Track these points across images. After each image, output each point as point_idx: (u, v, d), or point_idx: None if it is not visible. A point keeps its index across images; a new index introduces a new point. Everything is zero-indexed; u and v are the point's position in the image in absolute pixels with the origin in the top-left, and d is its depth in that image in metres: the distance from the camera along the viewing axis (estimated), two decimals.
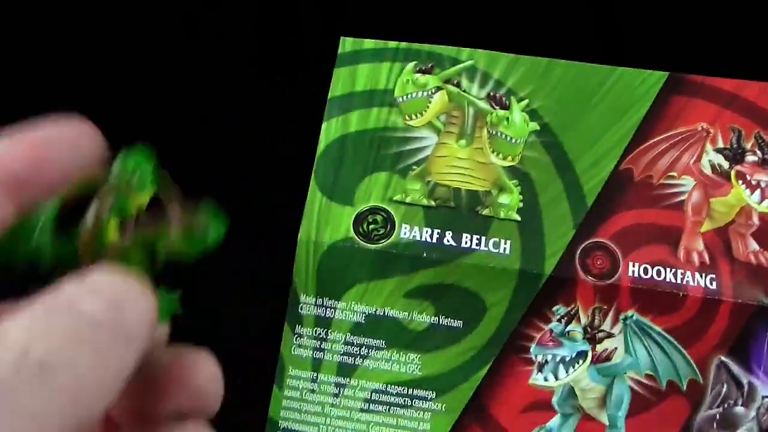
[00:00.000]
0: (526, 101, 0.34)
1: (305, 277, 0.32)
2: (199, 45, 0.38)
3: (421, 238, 0.32)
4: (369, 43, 0.34)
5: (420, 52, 0.34)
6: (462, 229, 0.32)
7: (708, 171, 0.33)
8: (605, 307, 0.31)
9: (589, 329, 0.31)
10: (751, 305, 0.31)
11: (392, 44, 0.34)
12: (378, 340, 0.32)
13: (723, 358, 0.31)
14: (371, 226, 0.32)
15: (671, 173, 0.33)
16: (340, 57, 0.34)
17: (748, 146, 0.33)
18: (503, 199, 0.32)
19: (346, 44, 0.34)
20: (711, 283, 0.31)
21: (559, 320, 0.31)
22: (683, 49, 0.36)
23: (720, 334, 0.31)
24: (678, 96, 0.33)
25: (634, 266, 0.31)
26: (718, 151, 0.33)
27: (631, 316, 0.31)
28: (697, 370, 0.31)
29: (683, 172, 0.33)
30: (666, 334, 0.31)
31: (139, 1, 0.35)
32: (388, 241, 0.32)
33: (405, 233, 0.32)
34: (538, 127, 0.33)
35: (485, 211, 0.32)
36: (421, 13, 0.38)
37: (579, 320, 0.31)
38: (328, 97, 0.34)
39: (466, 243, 0.32)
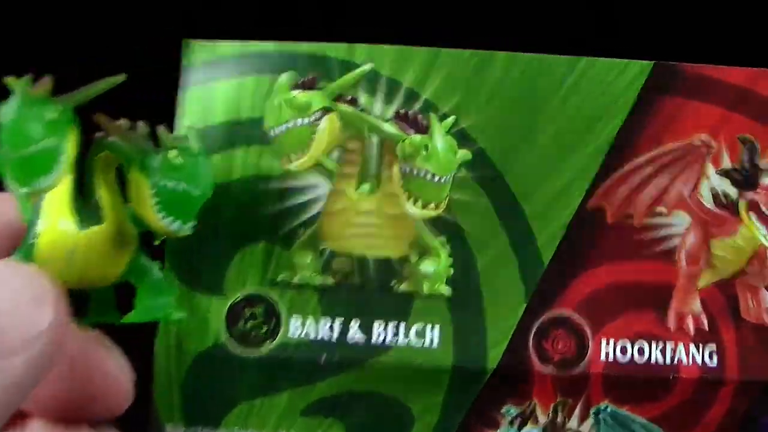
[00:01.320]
0: (452, 118, 0.24)
1: (169, 399, 0.23)
2: None
3: (317, 334, 0.23)
4: (225, 48, 0.24)
5: (296, 56, 0.24)
6: (372, 316, 0.23)
7: (709, 203, 0.23)
8: (570, 401, 0.24)
9: (550, 430, 0.24)
10: (760, 382, 0.23)
11: (254, 46, 0.24)
12: None
13: None
14: (249, 323, 0.23)
15: (658, 209, 0.24)
16: (185, 70, 0.24)
17: (764, 164, 0.23)
18: (426, 266, 0.23)
19: (195, 51, 0.24)
20: (710, 358, 0.23)
21: (511, 423, 0.24)
22: (672, 34, 0.26)
23: (718, 421, 0.24)
24: (667, 96, 0.23)
25: (607, 345, 0.23)
26: (723, 173, 0.23)
27: (605, 409, 0.24)
28: None
29: (674, 207, 0.23)
30: (650, 424, 0.24)
31: (140, 1, 0.30)
32: (274, 342, 0.23)
33: (296, 329, 0.23)
34: (470, 156, 0.23)
35: (402, 287, 0.24)
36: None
37: (536, 420, 0.24)
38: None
39: (378, 336, 0.23)
